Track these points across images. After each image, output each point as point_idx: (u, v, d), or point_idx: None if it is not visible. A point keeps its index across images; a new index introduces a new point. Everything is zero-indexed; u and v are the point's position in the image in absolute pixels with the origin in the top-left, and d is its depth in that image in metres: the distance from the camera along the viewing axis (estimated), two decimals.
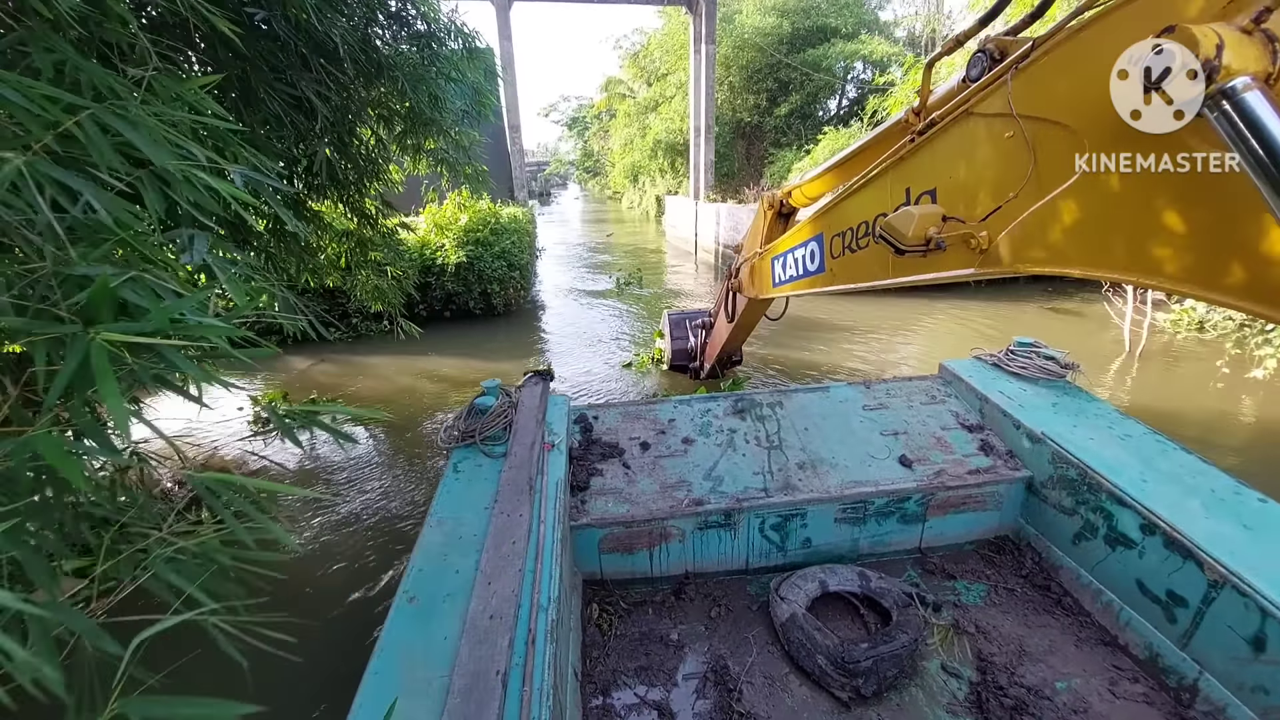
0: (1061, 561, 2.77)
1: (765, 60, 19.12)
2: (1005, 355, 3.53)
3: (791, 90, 19.10)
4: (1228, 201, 1.21)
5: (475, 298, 10.38)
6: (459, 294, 10.27)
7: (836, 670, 2.28)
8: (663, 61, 22.86)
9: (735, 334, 5.38)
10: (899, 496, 2.87)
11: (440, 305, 10.37)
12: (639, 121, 25.00)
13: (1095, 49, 1.37)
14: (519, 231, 11.91)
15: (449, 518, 2.32)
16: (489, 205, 11.87)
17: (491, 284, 10.36)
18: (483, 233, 10.63)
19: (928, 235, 1.82)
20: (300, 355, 9.11)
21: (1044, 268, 1.62)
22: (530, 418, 2.93)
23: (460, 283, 10.18)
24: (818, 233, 2.87)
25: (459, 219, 10.83)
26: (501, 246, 10.60)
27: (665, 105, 22.47)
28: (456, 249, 10.08)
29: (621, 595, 2.84)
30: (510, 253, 10.69)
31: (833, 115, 20.07)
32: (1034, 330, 8.80)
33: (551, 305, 12.27)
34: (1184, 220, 1.30)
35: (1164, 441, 2.75)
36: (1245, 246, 1.21)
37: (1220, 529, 2.17)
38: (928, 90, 2.16)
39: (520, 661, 1.67)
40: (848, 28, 19.04)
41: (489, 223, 10.97)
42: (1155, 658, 2.29)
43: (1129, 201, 1.37)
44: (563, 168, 52.84)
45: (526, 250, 12.14)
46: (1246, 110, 1.06)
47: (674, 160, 22.91)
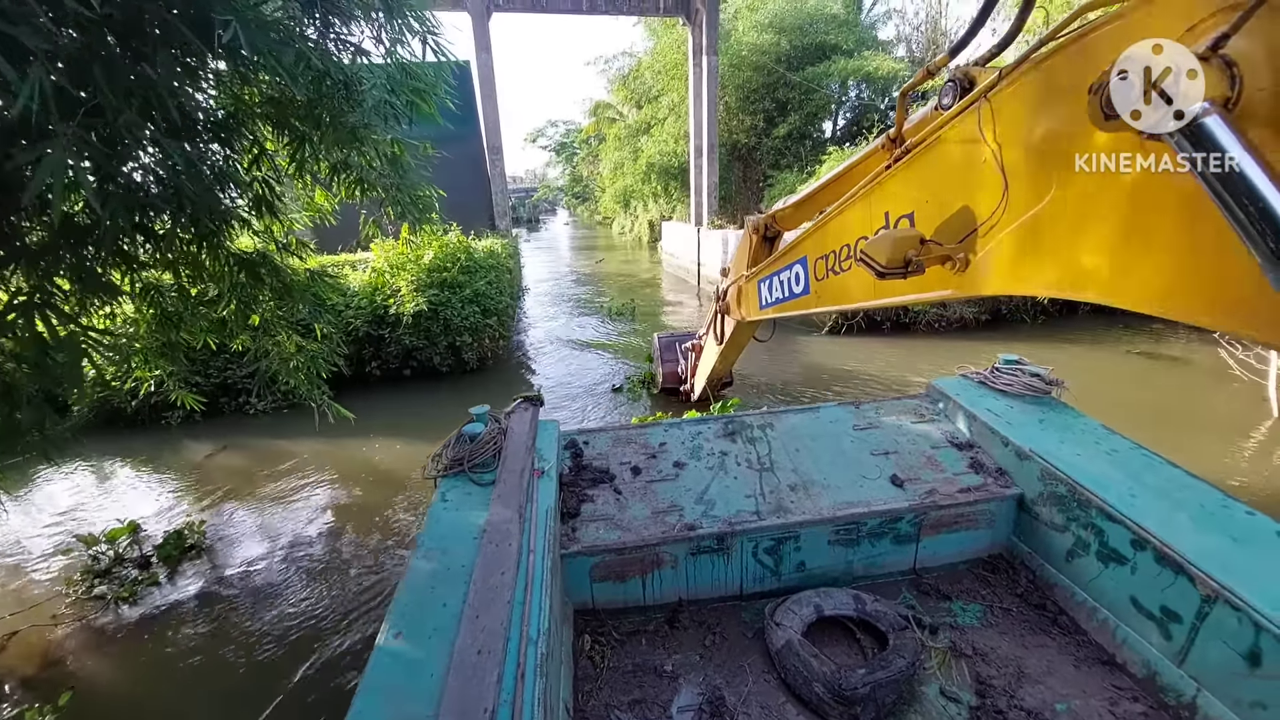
0: (1055, 579, 2.76)
1: (762, 80, 18.54)
2: (991, 373, 3.57)
3: (790, 110, 18.45)
4: (1205, 220, 1.23)
5: (441, 352, 8.63)
6: (420, 349, 8.57)
7: (834, 698, 2.23)
8: (654, 82, 22.16)
9: (725, 356, 5.41)
10: (892, 517, 2.86)
11: (397, 362, 8.60)
12: (630, 145, 24.45)
13: (1059, 77, 1.43)
14: (497, 269, 10.23)
15: (436, 548, 2.28)
16: (459, 238, 10.01)
17: (462, 334, 8.63)
18: (450, 272, 9.00)
19: (906, 258, 1.85)
20: (201, 438, 7.00)
21: (1023, 289, 1.65)
22: (519, 444, 2.90)
23: (421, 335, 8.44)
24: (802, 256, 2.92)
25: (421, 255, 9.15)
26: (474, 288, 9.00)
27: (658, 127, 21.74)
28: (415, 294, 8.36)
29: (614, 625, 2.78)
30: (485, 295, 9.06)
31: (830, 136, 19.56)
32: (1134, 382, 7.08)
33: (540, 354, 10.53)
34: (1164, 237, 1.31)
35: (1150, 456, 2.77)
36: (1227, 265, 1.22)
37: (1210, 543, 2.17)
38: (902, 117, 2.23)
39: (509, 698, 1.63)
40: (848, 44, 18.48)
41: (458, 260, 9.32)
42: (1153, 675, 2.26)
43: (1102, 221, 1.41)
44: (551, 194, 52.79)
45: (507, 291, 10.46)
46: (1206, 136, 1.10)
47: (667, 184, 22.33)
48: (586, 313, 13.55)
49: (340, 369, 4.62)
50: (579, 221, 45.13)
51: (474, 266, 9.48)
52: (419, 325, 8.42)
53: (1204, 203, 1.15)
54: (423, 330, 8.48)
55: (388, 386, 8.42)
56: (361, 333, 8.25)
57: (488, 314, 9.00)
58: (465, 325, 8.63)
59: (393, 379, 8.55)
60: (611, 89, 26.93)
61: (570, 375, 9.09)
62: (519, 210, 43.96)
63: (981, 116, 1.65)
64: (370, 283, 8.70)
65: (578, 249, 28.97)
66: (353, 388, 8.09)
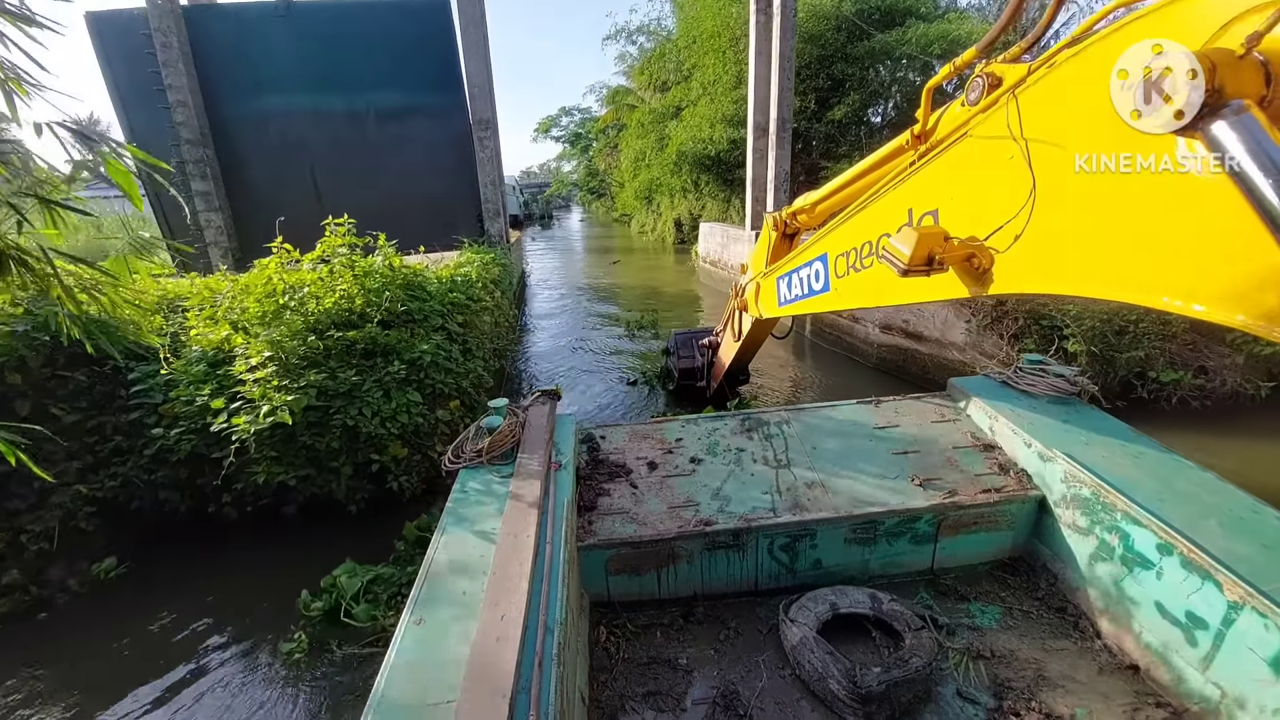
0: (1078, 583, 2.72)
1: (816, 52, 14.70)
2: (1015, 373, 3.51)
3: (849, 89, 14.84)
4: (1230, 216, 1.21)
5: (343, 482, 4.49)
6: (299, 482, 4.41)
7: (849, 696, 2.23)
8: (686, 58, 18.42)
9: (742, 352, 5.41)
10: (910, 516, 2.84)
11: (269, 496, 4.52)
12: (655, 131, 21.49)
13: (1090, 73, 1.40)
14: (468, 309, 5.96)
15: (456, 539, 2.32)
16: (389, 261, 5.51)
17: (383, 449, 4.51)
18: (366, 330, 4.76)
19: (929, 255, 1.84)
20: None
21: (1049, 288, 1.63)
22: (538, 437, 2.94)
23: (294, 462, 4.36)
24: (823, 252, 2.90)
25: (277, 293, 4.75)
26: (413, 356, 4.79)
27: (689, 111, 18.03)
28: (280, 386, 4.22)
29: (629, 618, 2.81)
30: (439, 366, 4.94)
31: (890, 120, 15.40)
32: None
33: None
34: (1193, 236, 1.29)
35: (1179, 460, 2.71)
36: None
37: (1239, 548, 2.13)
38: (928, 113, 2.20)
39: (527, 686, 1.66)
40: (924, 7, 14.99)
41: (379, 304, 5.01)
42: (1177, 682, 2.23)
43: (1131, 219, 1.38)
44: (565, 189, 50.80)
45: (484, 347, 6.02)
46: (1243, 132, 1.08)
47: (699, 177, 18.69)
48: (601, 363, 9.21)
49: (167, 501, 2.98)
50: (593, 219, 43.27)
51: (421, 313, 5.26)
52: (290, 442, 4.29)
53: (1234, 201, 1.13)
54: (300, 452, 4.34)
55: (250, 532, 4.56)
56: (185, 449, 4.29)
57: (439, 399, 4.80)
58: (390, 434, 4.42)
59: (264, 518, 4.58)
60: (631, 73, 24.81)
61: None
62: (531, 206, 43.02)
63: (1009, 113, 1.63)
64: (176, 372, 4.46)
65: (593, 250, 25.94)
66: (182, 536, 4.56)
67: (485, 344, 5.97)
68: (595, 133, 34.26)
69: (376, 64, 10.93)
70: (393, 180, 11.46)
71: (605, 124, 30.63)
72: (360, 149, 11.31)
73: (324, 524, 4.57)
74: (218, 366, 4.58)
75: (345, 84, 10.94)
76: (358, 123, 11.26)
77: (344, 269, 5.06)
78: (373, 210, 10.35)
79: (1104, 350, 6.12)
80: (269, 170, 11.12)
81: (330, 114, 11.09)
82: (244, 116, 10.80)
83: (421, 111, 11.36)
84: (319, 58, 10.77)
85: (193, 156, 10.34)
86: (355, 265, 5.11)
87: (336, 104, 11.06)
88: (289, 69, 10.72)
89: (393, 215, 10.40)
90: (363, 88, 11.03)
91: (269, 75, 10.69)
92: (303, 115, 10.96)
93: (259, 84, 10.70)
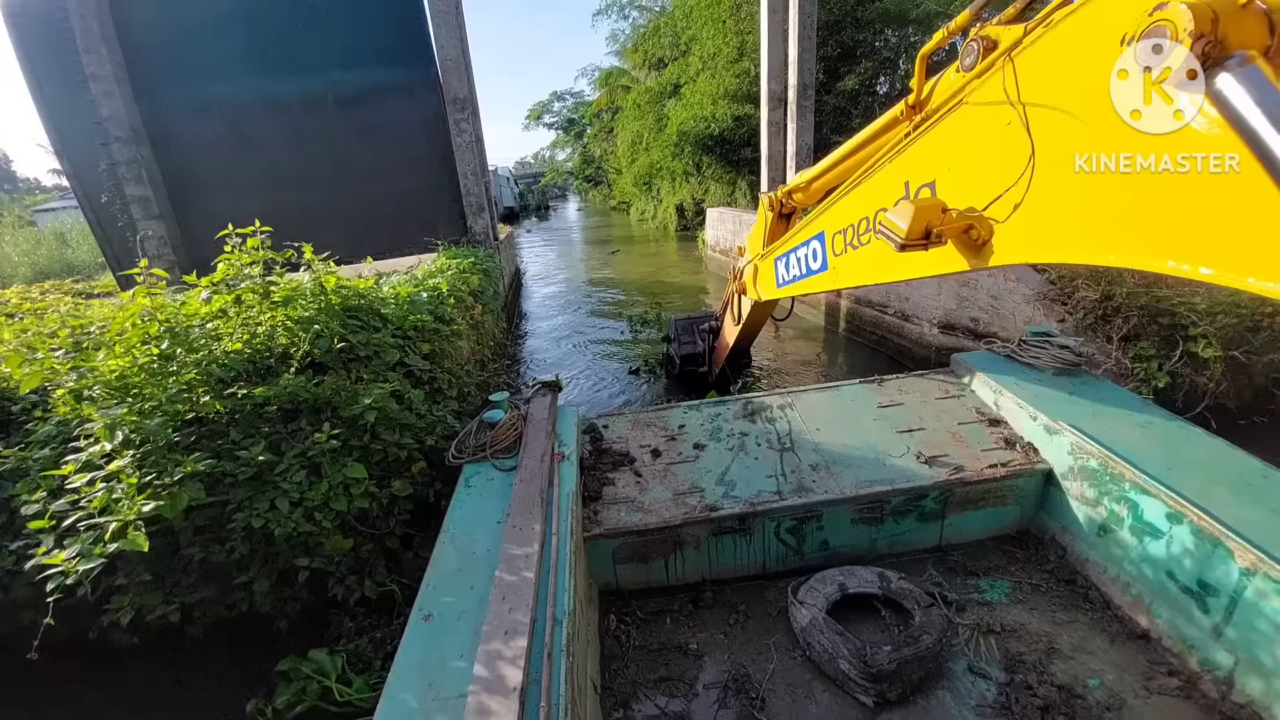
0: (1086, 554, 2.71)
1: (823, 17, 12.99)
2: (1019, 346, 3.47)
3: (860, 56, 13.89)
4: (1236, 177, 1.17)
5: (260, 597, 2.76)
6: (194, 607, 2.74)
7: (860, 675, 2.23)
8: (684, 30, 17.29)
9: (742, 335, 5.38)
10: (916, 494, 2.82)
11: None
12: (653, 112, 20.36)
13: (1090, 30, 1.35)
14: (437, 334, 4.47)
15: (462, 534, 2.32)
16: (320, 276, 3.74)
17: (315, 546, 2.78)
18: (274, 389, 3.01)
19: (927, 228, 1.80)
20: None
21: (1048, 257, 1.59)
22: (540, 430, 2.92)
23: (177, 582, 2.71)
24: (819, 231, 2.85)
25: (189, 340, 3.05)
26: (353, 413, 3.01)
27: (689, 87, 17.12)
28: (144, 485, 2.48)
29: (639, 605, 2.81)
30: (394, 423, 3.13)
31: (900, 91, 14.48)
32: None
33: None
34: (1199, 197, 1.25)
35: (1187, 427, 2.68)
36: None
37: (1250, 514, 2.10)
38: (922, 81, 2.14)
39: (538, 677, 1.66)
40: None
41: (305, 341, 3.31)
42: (1190, 650, 2.22)
43: (1130, 183, 1.34)
44: (560, 178, 49.78)
45: (460, 383, 4.26)
46: (1247, 83, 1.04)
47: (700, 159, 17.51)
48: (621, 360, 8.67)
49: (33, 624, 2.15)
50: (590, 208, 41.89)
51: (370, 347, 3.65)
52: (170, 557, 2.74)
53: (1242, 156, 1.09)
54: (189, 569, 2.75)
55: (149, 657, 2.97)
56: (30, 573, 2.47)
57: (393, 466, 3.08)
58: (322, 527, 2.73)
59: (166, 642, 2.94)
60: (624, 53, 23.95)
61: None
62: (527, 197, 41.93)
63: (1006, 77, 1.58)
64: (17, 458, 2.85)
65: (592, 241, 24.47)
66: (54, 671, 2.61)
67: (461, 379, 4.36)
68: (589, 118, 33.28)
69: (332, 39, 9.25)
70: (361, 175, 9.79)
71: (599, 108, 29.84)
72: (320, 139, 9.61)
73: (249, 644, 2.97)
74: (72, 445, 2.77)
75: (298, 65, 9.24)
76: (316, 109, 9.49)
77: (256, 298, 3.47)
78: (340, 211, 9.18)
79: (1242, 353, 4.73)
80: (218, 171, 9.41)
81: (284, 102, 9.39)
82: (185, 109, 9.11)
83: (387, 91, 9.60)
84: (264, 35, 9.07)
85: (125, 156, 8.62)
86: (272, 291, 3.48)
87: (290, 89, 9.35)
88: (232, 51, 9.04)
89: (364, 215, 9.29)
90: (318, 68, 9.33)
91: (210, 60, 8.99)
92: (253, 105, 9.30)
93: (199, 70, 8.98)
